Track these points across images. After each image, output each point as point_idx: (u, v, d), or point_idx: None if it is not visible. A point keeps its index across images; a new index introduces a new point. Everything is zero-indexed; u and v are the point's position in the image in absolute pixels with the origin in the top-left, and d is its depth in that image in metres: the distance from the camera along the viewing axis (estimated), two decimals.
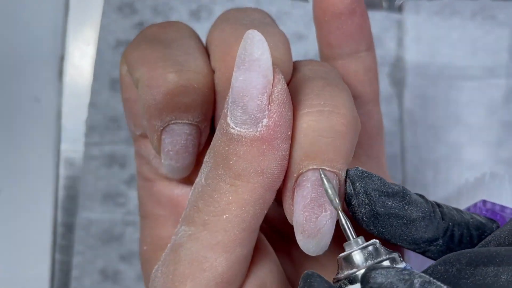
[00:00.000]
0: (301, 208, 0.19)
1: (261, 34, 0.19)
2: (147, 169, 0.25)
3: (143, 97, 0.22)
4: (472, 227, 0.21)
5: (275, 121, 0.19)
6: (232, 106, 0.19)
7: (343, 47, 0.25)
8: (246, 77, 0.18)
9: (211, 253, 0.20)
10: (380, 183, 0.20)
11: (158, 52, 0.22)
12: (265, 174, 0.19)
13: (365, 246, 0.19)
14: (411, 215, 0.20)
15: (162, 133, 0.22)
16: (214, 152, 0.20)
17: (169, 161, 0.23)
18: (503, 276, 0.16)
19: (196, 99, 0.22)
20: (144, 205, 0.25)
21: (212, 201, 0.19)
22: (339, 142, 0.20)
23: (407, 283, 0.16)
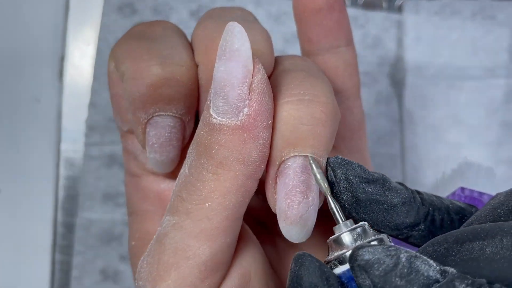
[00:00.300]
0: (283, 195, 0.20)
1: (240, 26, 0.19)
2: (134, 164, 0.25)
3: (128, 89, 0.22)
4: (452, 211, 0.21)
5: (255, 110, 0.19)
6: (214, 96, 0.19)
7: (323, 43, 0.25)
8: (227, 67, 0.19)
9: (194, 241, 0.20)
10: (360, 170, 0.20)
11: (143, 47, 0.23)
12: (246, 163, 0.20)
13: (354, 228, 0.19)
14: (391, 200, 0.20)
15: (146, 125, 0.22)
16: (197, 142, 0.20)
17: (153, 154, 0.23)
18: (488, 248, 0.16)
19: (180, 91, 0.22)
20: (131, 201, 0.25)
21: (195, 190, 0.20)
22: (319, 129, 0.20)
23: (394, 258, 0.16)
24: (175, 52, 0.23)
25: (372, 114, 0.42)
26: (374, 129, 0.42)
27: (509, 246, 0.16)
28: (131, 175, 0.25)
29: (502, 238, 0.16)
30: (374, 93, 0.42)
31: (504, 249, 0.16)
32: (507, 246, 0.16)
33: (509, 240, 0.16)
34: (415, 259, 0.16)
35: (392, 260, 0.16)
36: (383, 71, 0.42)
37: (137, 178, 0.25)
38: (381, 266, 0.16)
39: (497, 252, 0.16)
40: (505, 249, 0.16)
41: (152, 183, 0.25)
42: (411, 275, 0.16)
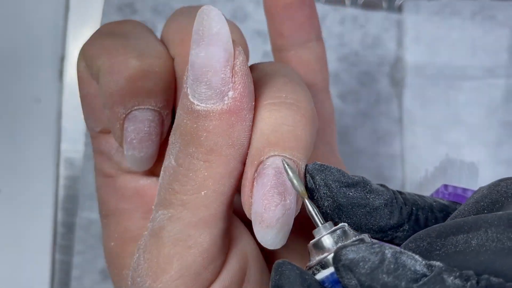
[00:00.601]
0: (260, 196, 0.19)
1: (216, 9, 0.19)
2: (108, 165, 0.25)
3: (104, 84, 0.22)
4: (436, 209, 0.21)
5: (240, 92, 0.19)
6: (195, 83, 0.19)
7: (294, 37, 0.26)
8: (208, 52, 0.19)
9: (194, 231, 0.20)
10: (339, 174, 0.20)
11: (118, 42, 0.23)
12: (236, 146, 0.19)
13: (334, 230, 0.19)
14: (373, 203, 0.20)
15: (125, 121, 0.22)
16: (181, 132, 0.20)
17: (132, 151, 0.22)
18: (473, 241, 0.16)
19: (158, 84, 0.22)
20: (106, 203, 0.25)
21: (188, 180, 0.20)
22: (300, 132, 0.20)
23: (379, 255, 0.16)
24: (151, 45, 0.23)
25: (372, 114, 0.42)
26: (374, 129, 0.42)
27: (494, 237, 0.16)
28: (105, 176, 0.25)
29: (487, 229, 0.16)
30: (374, 93, 0.42)
31: (489, 241, 0.16)
32: (492, 237, 0.16)
33: (494, 232, 0.16)
34: (401, 254, 0.16)
35: (377, 257, 0.16)
36: (383, 71, 0.42)
37: (112, 178, 0.25)
38: (367, 264, 0.16)
39: (482, 244, 0.16)
40: (490, 240, 0.16)
41: (130, 182, 0.24)
42: (398, 271, 0.16)
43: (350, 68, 0.42)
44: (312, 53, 0.26)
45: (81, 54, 0.24)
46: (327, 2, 0.42)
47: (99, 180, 0.25)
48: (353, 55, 0.42)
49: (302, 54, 0.26)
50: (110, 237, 0.25)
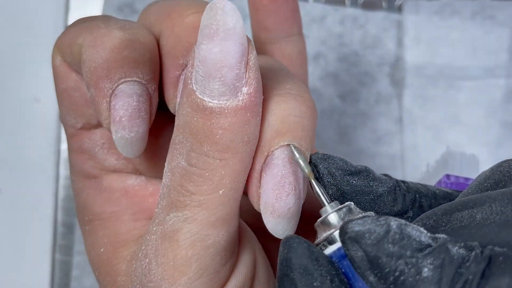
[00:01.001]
0: (271, 186, 0.19)
1: (230, 3, 0.18)
2: (91, 165, 0.24)
3: (88, 59, 0.21)
4: (439, 197, 0.21)
5: (255, 88, 0.19)
6: (206, 79, 0.18)
7: (279, 31, 0.26)
8: (223, 47, 0.18)
9: (212, 230, 0.20)
10: (342, 163, 0.20)
11: (98, 20, 0.22)
12: (251, 142, 0.19)
13: (340, 208, 0.19)
14: (377, 190, 0.20)
15: (111, 98, 0.21)
16: (191, 130, 0.19)
17: (121, 131, 0.21)
18: (477, 215, 0.16)
19: (144, 54, 0.21)
20: (90, 207, 0.24)
21: (204, 180, 0.19)
22: (306, 122, 0.20)
23: (384, 226, 0.16)
24: (129, 21, 0.23)
25: (372, 114, 0.42)
26: (374, 129, 0.42)
27: (498, 210, 0.16)
28: (87, 178, 0.24)
29: (491, 204, 0.16)
30: (374, 93, 0.42)
31: (494, 214, 0.16)
32: (496, 211, 0.16)
33: (497, 206, 0.16)
34: (406, 226, 0.16)
35: (382, 229, 0.16)
36: (383, 71, 0.42)
37: (97, 179, 0.24)
38: (372, 235, 0.16)
39: (487, 217, 0.16)
40: (494, 213, 0.16)
41: (116, 181, 0.24)
42: (403, 241, 0.16)
43: (350, 68, 0.42)
44: (294, 47, 0.26)
45: (55, 47, 0.23)
46: (327, 2, 0.42)
47: (79, 183, 0.24)
48: (353, 55, 0.42)
49: (286, 48, 0.26)
50: (97, 243, 0.24)
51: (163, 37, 0.22)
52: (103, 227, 0.24)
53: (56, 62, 0.23)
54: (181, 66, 0.22)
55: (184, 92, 0.19)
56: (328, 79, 0.42)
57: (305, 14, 0.42)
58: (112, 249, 0.23)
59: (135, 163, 0.24)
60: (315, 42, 0.42)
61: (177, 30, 0.21)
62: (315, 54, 0.42)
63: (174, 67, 0.22)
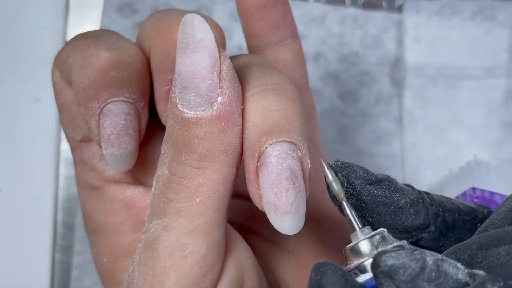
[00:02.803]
0: (269, 185, 0.19)
1: (199, 16, 0.19)
2: (92, 176, 0.24)
3: (77, 79, 0.22)
4: (464, 212, 0.21)
5: (229, 97, 0.19)
6: (183, 91, 0.19)
7: (269, 37, 0.25)
8: (194, 59, 0.19)
9: (190, 239, 0.20)
10: (362, 172, 0.20)
11: (88, 40, 0.23)
12: (229, 151, 0.19)
13: (372, 235, 0.19)
14: (398, 202, 0.20)
15: (100, 116, 0.22)
16: (172, 141, 0.20)
17: (110, 148, 0.22)
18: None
19: (131, 74, 0.22)
20: (94, 217, 0.24)
21: (182, 188, 0.20)
22: (290, 113, 0.20)
23: (420, 262, 0.15)
24: (120, 40, 0.23)
25: (372, 114, 0.42)
26: (374, 129, 0.42)
27: None
28: (90, 189, 0.25)
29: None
30: (374, 93, 0.42)
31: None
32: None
33: None
34: (443, 262, 0.15)
35: (418, 264, 0.15)
36: (383, 71, 0.42)
37: (98, 190, 0.24)
38: (407, 270, 0.15)
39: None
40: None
41: (116, 192, 0.24)
42: (440, 279, 0.15)
43: (350, 68, 0.42)
44: (288, 51, 0.26)
45: (54, 62, 0.24)
46: (327, 2, 0.42)
47: (84, 193, 0.25)
48: (353, 55, 0.42)
49: (278, 52, 0.26)
50: (101, 253, 0.24)
51: (152, 53, 0.22)
52: (105, 238, 0.24)
53: (55, 77, 0.24)
54: (170, 81, 0.22)
55: (169, 105, 0.20)
56: (328, 79, 0.42)
57: (305, 14, 0.42)
58: (114, 260, 0.24)
59: (134, 172, 0.24)
60: (315, 42, 0.42)
61: (165, 46, 0.21)
62: (315, 54, 0.42)
63: (163, 82, 0.22)
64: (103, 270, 0.24)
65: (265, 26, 0.25)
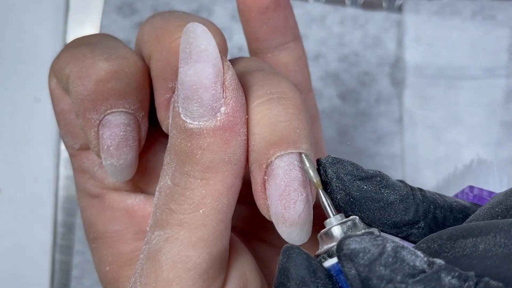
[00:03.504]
0: (277, 197, 0.19)
1: (202, 25, 0.18)
2: (92, 184, 0.24)
3: (74, 91, 0.21)
4: (456, 210, 0.21)
5: (233, 107, 0.19)
6: (186, 101, 0.19)
7: (271, 40, 0.25)
8: (197, 69, 0.18)
9: (193, 251, 0.19)
10: (352, 168, 0.20)
11: (85, 49, 0.22)
12: (233, 162, 0.19)
13: (344, 221, 0.19)
14: (388, 197, 0.20)
15: (99, 127, 0.21)
16: (176, 151, 0.19)
17: (110, 159, 0.21)
18: (480, 245, 0.16)
19: (130, 85, 0.21)
20: (95, 226, 0.24)
21: (185, 199, 0.19)
22: (296, 123, 0.19)
23: (379, 247, 0.16)
24: (118, 48, 0.23)
25: (372, 114, 0.42)
26: (374, 129, 0.42)
27: (502, 243, 0.16)
28: (90, 196, 0.24)
29: (496, 234, 0.16)
30: (374, 93, 0.42)
31: (496, 246, 0.16)
32: (499, 243, 0.16)
33: (502, 237, 0.16)
34: (402, 249, 0.16)
35: (377, 249, 0.16)
36: (383, 71, 0.42)
37: (99, 198, 0.24)
38: (366, 255, 0.16)
39: (489, 249, 0.16)
40: (497, 246, 0.16)
41: (117, 201, 0.24)
42: (396, 264, 0.16)
43: (350, 68, 0.42)
44: (290, 54, 0.25)
45: (51, 70, 0.23)
46: (327, 2, 0.42)
47: (84, 201, 0.25)
48: (353, 55, 0.42)
49: (280, 56, 0.25)
50: (103, 261, 0.24)
51: (152, 61, 0.22)
52: (107, 246, 0.24)
53: (52, 85, 0.24)
54: (171, 89, 0.22)
55: (172, 114, 0.19)
56: (328, 79, 0.42)
57: (305, 14, 0.42)
58: (117, 268, 0.23)
59: (135, 180, 0.24)
60: (315, 42, 0.42)
61: (165, 54, 0.21)
62: (315, 54, 0.42)
63: (164, 90, 0.22)
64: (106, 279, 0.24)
65: (267, 30, 0.24)
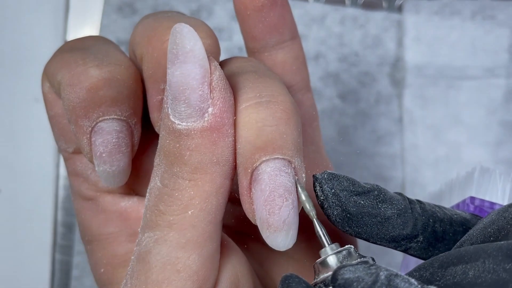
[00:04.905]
0: (262, 202, 0.19)
1: (188, 26, 0.18)
2: (86, 187, 0.24)
3: (66, 97, 0.21)
4: (456, 223, 0.21)
5: (220, 108, 0.19)
6: (174, 102, 0.19)
7: (268, 39, 0.24)
8: (183, 70, 0.18)
9: (182, 252, 0.19)
10: (348, 183, 0.20)
11: (77, 54, 0.22)
12: (221, 162, 0.19)
13: (340, 251, 0.19)
14: (385, 213, 0.20)
15: (91, 134, 0.21)
16: (164, 153, 0.19)
17: (103, 166, 0.22)
18: (470, 272, 0.16)
19: (122, 92, 0.21)
20: (89, 228, 0.24)
21: (174, 200, 0.19)
22: (284, 128, 0.19)
23: (373, 276, 0.16)
24: (111, 54, 0.22)
25: (372, 114, 0.42)
26: (374, 129, 0.42)
27: (490, 268, 0.16)
28: (84, 199, 0.24)
29: (485, 260, 0.16)
30: (374, 93, 0.42)
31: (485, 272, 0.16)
32: (488, 268, 0.16)
33: (491, 262, 0.16)
34: (395, 277, 0.16)
35: (371, 278, 0.16)
36: (383, 71, 0.42)
37: (92, 201, 0.24)
38: (360, 284, 0.16)
39: (478, 275, 0.16)
40: (486, 272, 0.16)
41: (110, 203, 0.24)
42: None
43: (350, 68, 0.42)
44: (287, 53, 0.25)
45: (44, 74, 0.23)
46: (327, 2, 0.42)
47: (78, 204, 0.25)
48: (353, 55, 0.42)
49: (277, 55, 0.25)
50: (98, 263, 0.24)
51: (144, 62, 0.22)
52: (101, 248, 0.24)
53: (45, 89, 0.24)
54: (162, 91, 0.22)
55: (162, 115, 0.19)
56: (328, 79, 0.42)
57: (305, 14, 0.42)
58: (111, 270, 0.23)
59: (129, 183, 0.24)
60: (315, 42, 0.42)
61: (156, 56, 0.21)
62: (315, 54, 0.42)
63: (155, 91, 0.22)
64: (101, 280, 0.24)
65: (263, 29, 0.24)
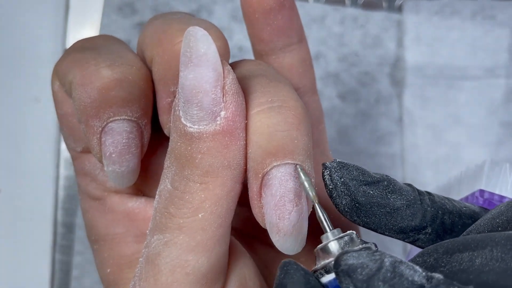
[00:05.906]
0: (273, 207, 0.19)
1: (203, 29, 0.18)
2: (94, 187, 0.24)
3: (77, 97, 0.21)
4: (465, 215, 0.21)
5: (232, 112, 0.19)
6: (186, 105, 0.19)
7: (275, 42, 0.24)
8: (197, 73, 0.18)
9: (191, 256, 0.19)
10: (357, 173, 0.20)
11: (88, 54, 0.22)
12: (232, 166, 0.19)
13: (341, 236, 0.19)
14: (394, 203, 0.20)
15: (102, 134, 0.21)
16: (175, 155, 0.19)
17: (112, 166, 0.22)
18: (477, 260, 0.16)
19: (133, 93, 0.21)
20: (96, 228, 0.24)
21: (184, 203, 0.19)
22: (295, 134, 0.19)
23: (377, 262, 0.16)
24: (123, 54, 0.22)
25: (372, 114, 0.42)
26: (374, 129, 0.42)
27: (498, 257, 0.16)
28: (92, 199, 0.24)
29: (492, 248, 0.16)
30: (374, 93, 0.42)
31: (493, 260, 0.16)
32: (496, 257, 0.16)
33: (499, 251, 0.16)
34: (400, 264, 0.16)
35: (375, 264, 0.16)
36: (383, 71, 0.42)
37: (100, 201, 0.24)
38: (364, 270, 0.16)
39: (486, 263, 0.16)
40: (494, 260, 0.16)
41: (118, 203, 0.24)
42: (395, 279, 0.15)
43: (350, 68, 0.42)
44: (294, 56, 0.25)
45: (54, 73, 0.23)
46: (327, 2, 0.42)
47: (85, 203, 0.25)
48: (353, 55, 0.42)
49: (284, 58, 0.25)
50: (104, 263, 0.24)
51: (154, 64, 0.22)
52: (108, 248, 0.24)
53: (55, 87, 0.24)
54: (172, 93, 0.22)
55: (173, 118, 0.20)
56: (328, 79, 0.42)
57: (305, 14, 0.42)
58: (118, 270, 0.23)
59: (137, 183, 0.24)
60: (315, 42, 0.42)
61: (167, 58, 0.21)
62: (315, 54, 0.42)
63: (165, 94, 0.22)
64: (107, 281, 0.24)
65: (271, 32, 0.24)
